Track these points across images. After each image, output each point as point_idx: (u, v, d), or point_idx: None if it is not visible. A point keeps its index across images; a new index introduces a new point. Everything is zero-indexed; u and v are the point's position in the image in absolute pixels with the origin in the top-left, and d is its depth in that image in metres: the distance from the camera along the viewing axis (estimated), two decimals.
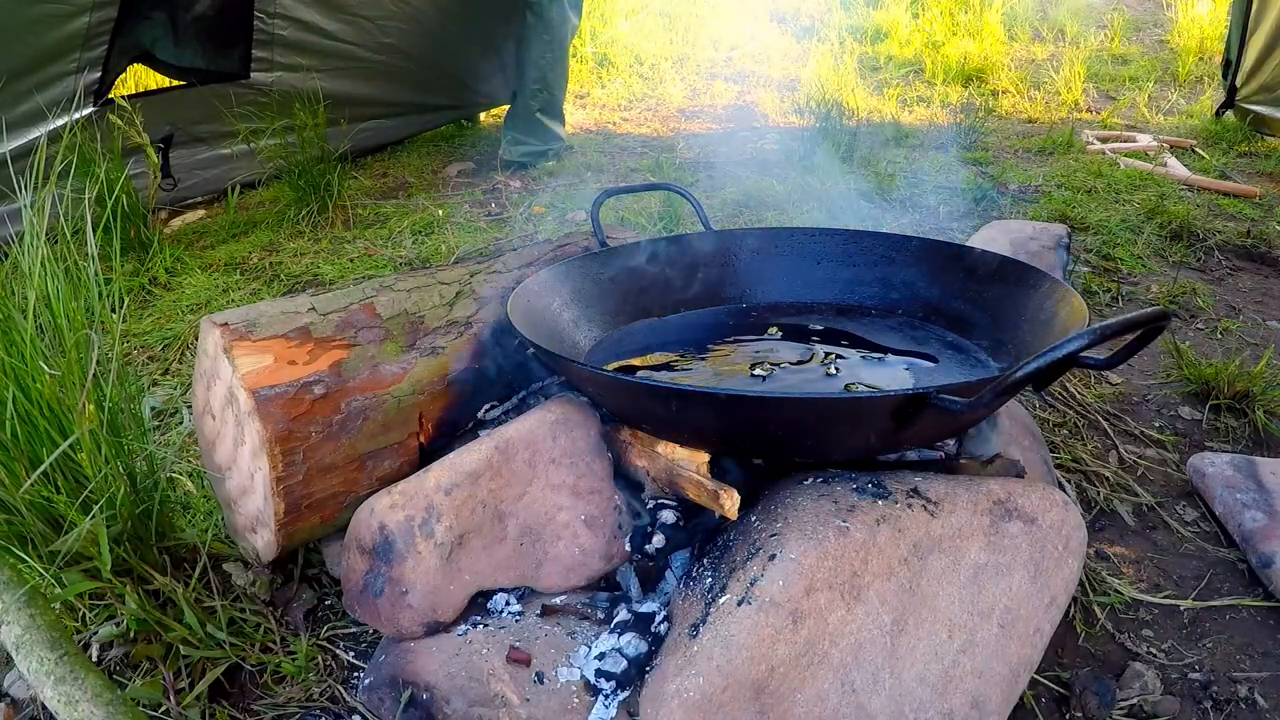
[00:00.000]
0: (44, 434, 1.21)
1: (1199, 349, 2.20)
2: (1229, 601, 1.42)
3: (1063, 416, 1.90)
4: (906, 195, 3.33)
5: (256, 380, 1.17)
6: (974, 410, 0.97)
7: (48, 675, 1.01)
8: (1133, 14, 6.49)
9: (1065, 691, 1.25)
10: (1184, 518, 1.62)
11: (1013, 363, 1.33)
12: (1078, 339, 0.91)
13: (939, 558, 1.09)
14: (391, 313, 1.34)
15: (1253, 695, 1.25)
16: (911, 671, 1.06)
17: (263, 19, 3.17)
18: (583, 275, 1.54)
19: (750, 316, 1.62)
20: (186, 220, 3.12)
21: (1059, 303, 1.31)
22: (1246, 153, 3.87)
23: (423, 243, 2.88)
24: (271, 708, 1.21)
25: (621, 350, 1.49)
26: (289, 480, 1.19)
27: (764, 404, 1.09)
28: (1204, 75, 5.16)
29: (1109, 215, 3.09)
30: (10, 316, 1.19)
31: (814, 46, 5.36)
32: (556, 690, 1.09)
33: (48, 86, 2.60)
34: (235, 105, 3.08)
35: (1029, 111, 4.65)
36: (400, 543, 1.16)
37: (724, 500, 1.13)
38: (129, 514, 1.24)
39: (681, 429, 1.20)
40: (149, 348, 2.23)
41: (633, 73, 5.43)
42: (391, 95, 3.76)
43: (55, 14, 2.56)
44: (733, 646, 0.98)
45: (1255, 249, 2.84)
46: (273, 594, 1.36)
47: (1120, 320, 0.93)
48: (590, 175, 3.61)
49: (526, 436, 1.23)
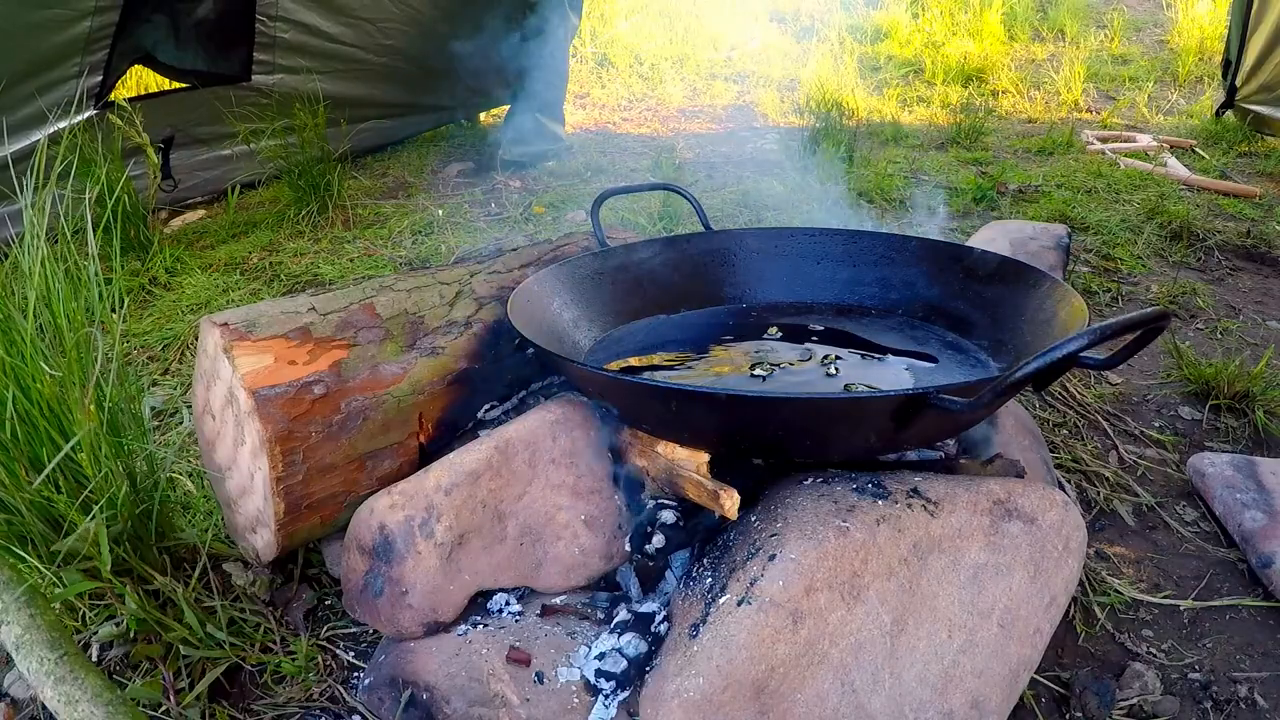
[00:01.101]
0: (44, 434, 1.21)
1: (1199, 349, 2.20)
2: (1229, 601, 1.42)
3: (1063, 416, 1.90)
4: (906, 195, 3.33)
5: (256, 380, 1.17)
6: (974, 410, 0.97)
7: (48, 675, 1.01)
8: (1133, 14, 6.49)
9: (1065, 691, 1.25)
10: (1184, 518, 1.62)
11: (1013, 363, 1.34)
12: (1078, 339, 0.91)
13: (939, 558, 1.09)
14: (391, 313, 1.34)
15: (1253, 695, 1.25)
16: (911, 671, 1.06)
17: (264, 22, 3.17)
18: (583, 275, 1.54)
19: (750, 316, 1.62)
20: (186, 220, 3.12)
21: (1059, 303, 1.31)
22: (1246, 153, 3.87)
23: (423, 243, 2.88)
24: (271, 708, 1.21)
25: (621, 350, 1.49)
26: (289, 480, 1.19)
27: (764, 404, 1.09)
28: (1204, 75, 5.16)
29: (1109, 215, 3.09)
30: (10, 316, 1.19)
31: (814, 46, 5.36)
32: (556, 690, 1.09)
33: (49, 90, 2.60)
34: (236, 107, 3.09)
35: (1029, 111, 4.65)
36: (400, 543, 1.16)
37: (724, 500, 1.13)
38: (129, 514, 1.24)
39: (681, 429, 1.20)
40: (149, 348, 2.23)
41: (633, 73, 5.43)
42: (391, 96, 3.76)
43: (57, 19, 2.56)
44: (733, 646, 0.98)
45: (1255, 249, 2.84)
46: (273, 594, 1.36)
47: (1120, 320, 0.93)
48: (590, 175, 3.61)
49: (526, 436, 1.23)
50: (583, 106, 4.87)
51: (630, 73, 5.43)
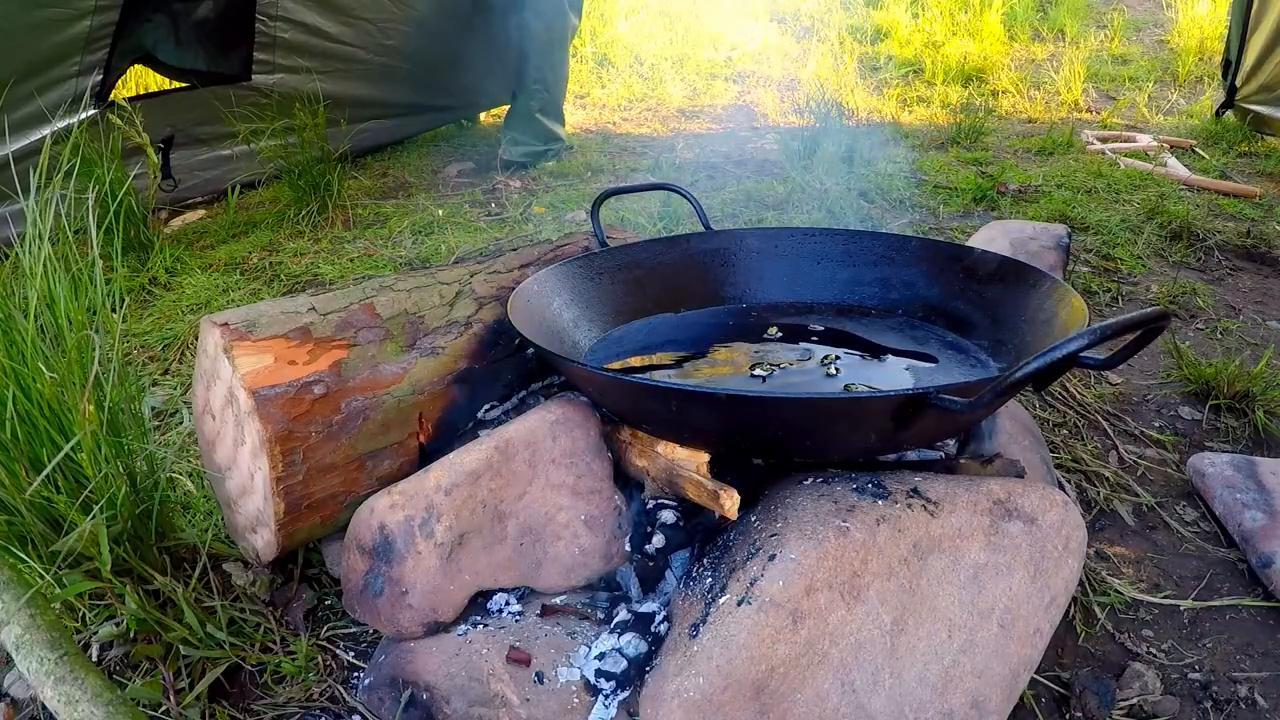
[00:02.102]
0: (44, 434, 1.21)
1: (1199, 349, 2.20)
2: (1229, 601, 1.42)
3: (1063, 416, 1.90)
4: (906, 195, 3.33)
5: (256, 380, 1.17)
6: (974, 410, 0.97)
7: (48, 675, 1.01)
8: (1133, 14, 6.49)
9: (1065, 691, 1.25)
10: (1184, 518, 1.62)
11: (1013, 363, 1.34)
12: (1078, 339, 0.91)
13: (939, 558, 1.09)
14: (391, 312, 1.34)
15: (1253, 695, 1.25)
16: (911, 671, 1.06)
17: (264, 22, 3.17)
18: (583, 275, 1.54)
19: (750, 316, 1.62)
20: (187, 220, 3.12)
21: (1059, 303, 1.31)
22: (1246, 153, 3.87)
23: (423, 243, 2.88)
24: (271, 708, 1.21)
25: (621, 350, 1.49)
26: (289, 480, 1.19)
27: (764, 404, 1.09)
28: (1204, 75, 5.16)
29: (1109, 215, 3.09)
30: (11, 316, 1.19)
31: (814, 46, 5.36)
32: (556, 690, 1.09)
33: (49, 89, 2.60)
34: (236, 107, 3.09)
35: (1029, 111, 4.65)
36: (400, 543, 1.16)
37: (724, 500, 1.14)
38: (129, 514, 1.24)
39: (681, 429, 1.20)
40: (149, 348, 2.23)
41: (633, 73, 5.43)
42: (392, 96, 3.76)
43: (57, 18, 2.56)
44: (733, 646, 0.98)
45: (1255, 249, 2.84)
46: (273, 594, 1.36)
47: (1120, 320, 0.93)
48: (590, 175, 3.61)
49: (526, 436, 1.23)
50: (583, 106, 4.87)
51: (630, 73, 5.43)
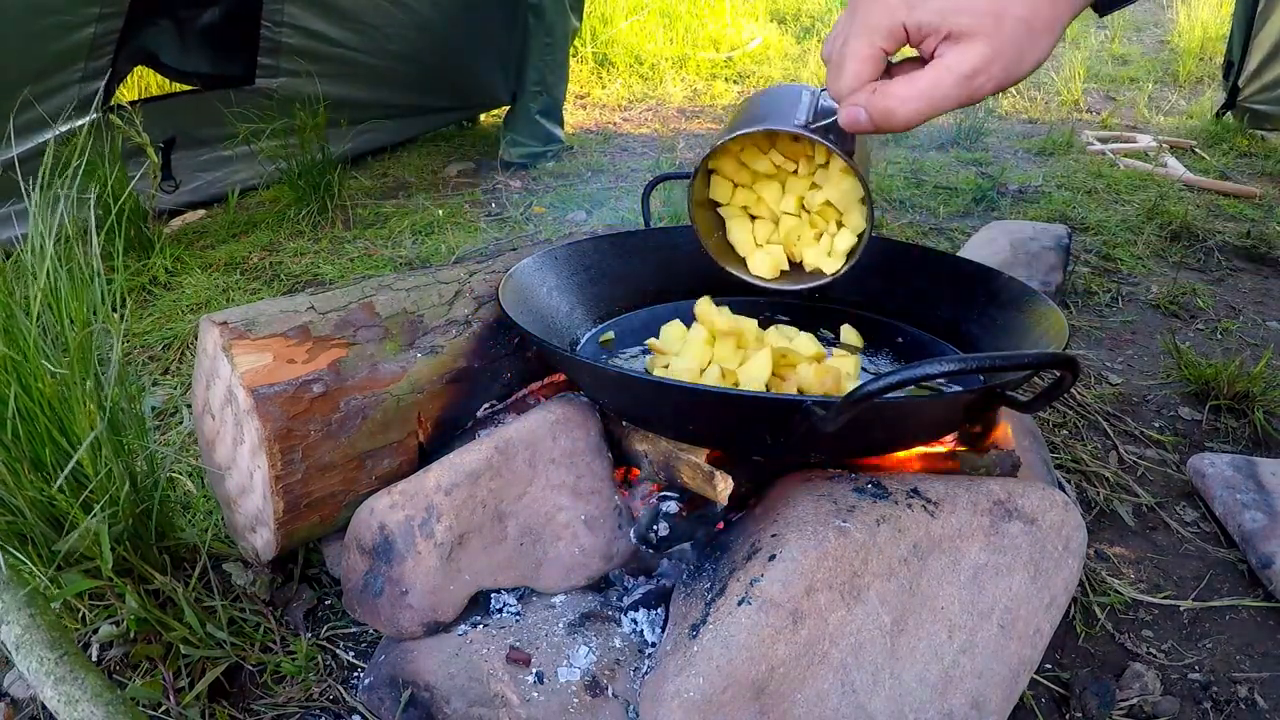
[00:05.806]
0: (45, 433, 1.21)
1: (1199, 349, 2.20)
2: (1229, 602, 1.42)
3: (1063, 416, 1.90)
4: (906, 196, 3.33)
5: (255, 379, 1.17)
6: (832, 422, 0.94)
7: (48, 675, 1.01)
8: (1133, 14, 6.50)
9: (1065, 691, 1.26)
10: (1184, 518, 1.62)
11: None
12: (932, 364, 0.86)
13: (939, 558, 1.09)
14: (391, 311, 1.34)
15: (1253, 695, 1.25)
16: (911, 672, 1.06)
17: (269, 27, 3.18)
18: (579, 262, 1.54)
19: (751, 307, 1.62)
20: (187, 220, 3.12)
21: (1036, 316, 1.30)
22: (1246, 153, 3.87)
23: (422, 243, 2.88)
24: (271, 707, 1.21)
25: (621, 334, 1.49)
26: (288, 479, 1.19)
27: (659, 389, 1.10)
28: (1204, 76, 5.16)
29: (1109, 215, 3.09)
30: (14, 316, 1.19)
31: (814, 46, 5.36)
32: (556, 690, 1.09)
33: (53, 94, 2.61)
34: (237, 107, 3.09)
35: (1029, 111, 4.65)
36: (400, 543, 1.16)
37: (717, 483, 1.13)
38: (130, 513, 1.24)
39: (668, 423, 1.21)
40: (149, 347, 2.23)
41: (633, 73, 5.43)
42: (393, 98, 3.76)
43: (62, 25, 2.56)
44: (733, 646, 0.98)
45: (1255, 249, 2.84)
46: (273, 594, 1.36)
47: (1007, 355, 0.88)
48: (590, 175, 3.62)
49: (526, 436, 1.23)
50: (583, 106, 4.87)
51: (630, 73, 5.43)
